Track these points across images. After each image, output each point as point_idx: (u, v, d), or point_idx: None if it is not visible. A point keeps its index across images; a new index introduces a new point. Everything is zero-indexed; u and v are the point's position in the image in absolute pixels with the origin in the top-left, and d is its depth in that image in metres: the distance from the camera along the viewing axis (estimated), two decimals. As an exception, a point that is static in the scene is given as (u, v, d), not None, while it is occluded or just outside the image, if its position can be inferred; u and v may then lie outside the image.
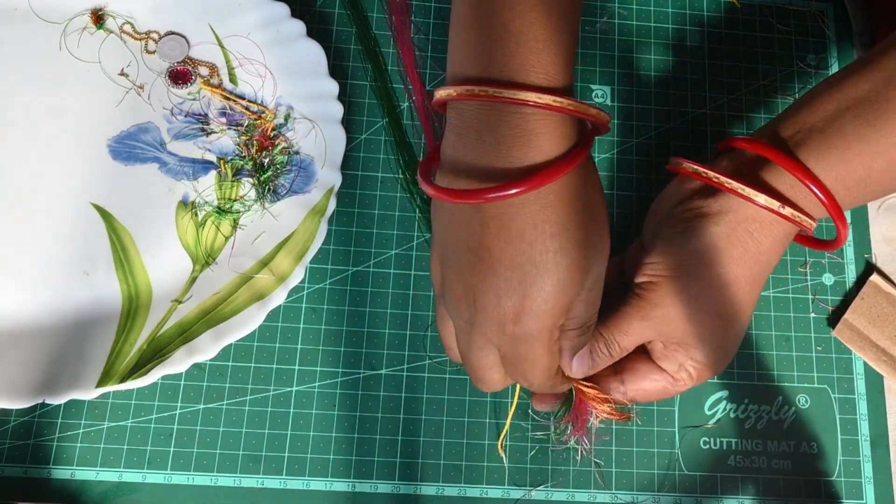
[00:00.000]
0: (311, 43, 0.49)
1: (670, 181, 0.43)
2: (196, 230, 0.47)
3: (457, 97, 0.35)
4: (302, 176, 0.48)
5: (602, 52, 0.54)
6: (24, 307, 0.45)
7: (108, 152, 0.48)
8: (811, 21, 0.56)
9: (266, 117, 0.49)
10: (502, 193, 0.34)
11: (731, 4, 0.56)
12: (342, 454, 0.46)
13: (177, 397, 0.46)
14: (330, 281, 0.48)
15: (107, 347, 0.44)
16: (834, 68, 0.55)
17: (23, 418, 0.45)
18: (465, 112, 0.36)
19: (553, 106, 0.34)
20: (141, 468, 0.45)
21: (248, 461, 0.45)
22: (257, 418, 0.46)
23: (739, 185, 0.38)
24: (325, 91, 0.49)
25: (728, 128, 0.53)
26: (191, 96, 0.49)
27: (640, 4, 0.55)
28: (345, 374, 0.47)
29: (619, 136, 0.52)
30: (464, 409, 0.47)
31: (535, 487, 0.46)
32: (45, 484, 0.44)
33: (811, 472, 0.47)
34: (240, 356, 0.47)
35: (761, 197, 0.38)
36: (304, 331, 0.47)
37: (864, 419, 0.48)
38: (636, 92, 0.53)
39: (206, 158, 0.48)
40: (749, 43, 0.55)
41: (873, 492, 0.47)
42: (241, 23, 0.50)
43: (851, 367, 0.49)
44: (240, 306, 0.45)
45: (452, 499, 0.46)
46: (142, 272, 0.46)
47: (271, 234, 0.47)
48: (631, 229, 0.50)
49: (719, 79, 0.54)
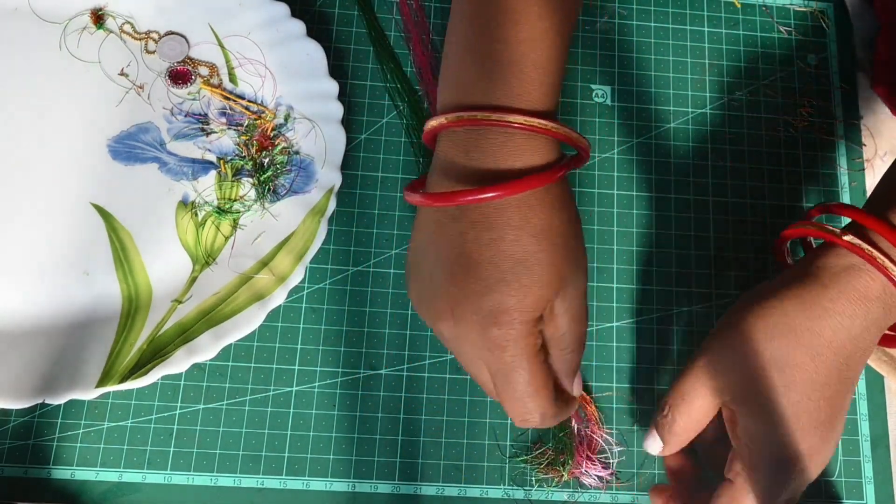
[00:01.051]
0: (311, 43, 0.49)
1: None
2: (196, 230, 0.47)
3: (448, 124, 0.37)
4: (302, 176, 0.48)
5: (602, 52, 0.54)
6: (23, 307, 0.45)
7: (108, 152, 0.48)
8: (811, 21, 0.56)
9: (266, 117, 0.49)
10: (485, 195, 0.36)
11: (731, 4, 0.56)
12: (342, 454, 0.46)
13: (177, 397, 0.46)
14: (330, 281, 0.48)
15: (107, 347, 0.44)
16: (834, 68, 0.55)
17: (23, 418, 0.45)
18: (455, 136, 0.37)
19: (537, 128, 0.36)
20: (141, 468, 0.45)
21: (248, 461, 0.45)
22: (257, 418, 0.46)
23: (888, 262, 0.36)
24: (325, 91, 0.49)
25: (729, 128, 0.53)
26: (191, 96, 0.49)
27: (640, 4, 0.55)
28: (345, 374, 0.47)
29: (619, 136, 0.52)
30: (464, 409, 0.47)
31: (535, 488, 0.46)
32: (45, 484, 0.44)
33: (811, 473, 0.47)
34: (240, 356, 0.47)
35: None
36: (304, 331, 0.47)
37: (864, 419, 0.48)
38: (636, 92, 0.53)
39: (206, 158, 0.48)
40: (749, 43, 0.55)
41: (873, 492, 0.47)
42: (241, 23, 0.50)
43: (852, 367, 0.49)
44: (240, 306, 0.45)
45: (452, 499, 0.46)
46: (142, 272, 0.46)
47: (271, 234, 0.47)
48: (631, 229, 0.50)
49: (719, 79, 0.54)
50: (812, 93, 0.54)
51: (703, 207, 0.51)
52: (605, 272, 0.50)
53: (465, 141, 0.37)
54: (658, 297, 0.49)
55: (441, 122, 0.38)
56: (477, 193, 0.36)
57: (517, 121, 0.36)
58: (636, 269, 0.50)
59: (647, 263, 0.50)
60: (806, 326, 0.37)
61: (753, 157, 0.53)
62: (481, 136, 0.37)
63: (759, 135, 0.53)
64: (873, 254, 0.35)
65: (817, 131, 0.54)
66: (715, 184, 0.52)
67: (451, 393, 0.47)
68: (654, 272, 0.50)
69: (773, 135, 0.53)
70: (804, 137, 0.53)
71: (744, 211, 0.51)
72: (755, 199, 0.52)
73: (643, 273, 0.50)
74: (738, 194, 0.52)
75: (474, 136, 0.37)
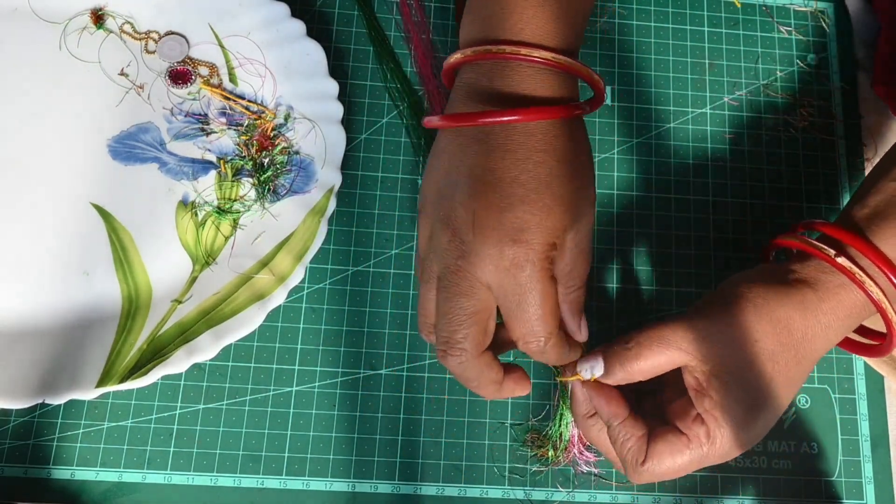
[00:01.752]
0: (311, 43, 0.49)
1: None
2: (196, 230, 0.47)
3: (473, 57, 0.39)
4: (302, 176, 0.48)
5: (602, 52, 0.54)
6: (23, 307, 0.45)
7: (108, 152, 0.48)
8: (811, 21, 0.56)
9: (266, 117, 0.49)
10: (510, 117, 0.37)
11: (731, 4, 0.56)
12: (342, 454, 0.46)
13: (177, 397, 0.46)
14: (330, 281, 0.48)
15: (107, 347, 0.44)
16: (834, 68, 0.55)
17: (23, 418, 0.45)
18: (479, 67, 0.39)
19: (560, 63, 0.38)
20: (141, 468, 0.45)
21: (248, 461, 0.45)
22: (257, 418, 0.46)
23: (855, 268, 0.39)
24: (325, 91, 0.49)
25: (728, 128, 0.53)
26: (191, 96, 0.49)
27: (640, 4, 0.55)
28: (345, 374, 0.47)
29: (619, 136, 0.52)
30: (464, 409, 0.47)
31: (535, 488, 0.46)
32: (45, 484, 0.44)
33: (811, 473, 0.47)
34: (240, 356, 0.47)
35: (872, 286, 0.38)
36: (304, 331, 0.47)
37: (864, 419, 0.48)
38: (636, 92, 0.53)
39: (206, 158, 0.48)
40: (749, 43, 0.55)
41: (874, 492, 0.47)
42: (241, 23, 0.50)
43: (852, 367, 0.49)
44: (240, 306, 0.45)
45: (452, 499, 0.46)
46: (142, 272, 0.46)
47: (271, 234, 0.47)
48: (631, 229, 0.50)
49: (719, 79, 0.54)
50: (812, 93, 0.54)
51: (703, 207, 0.51)
52: (605, 272, 0.50)
53: (489, 71, 0.39)
54: (658, 298, 0.49)
55: (466, 55, 0.39)
56: (503, 115, 0.37)
57: (542, 56, 0.38)
58: (636, 270, 0.50)
59: (647, 263, 0.50)
60: (801, 328, 0.39)
61: (753, 157, 0.53)
62: (507, 67, 0.38)
63: (759, 135, 0.53)
64: (862, 278, 0.38)
65: (817, 131, 0.54)
66: (715, 184, 0.52)
67: (451, 393, 0.47)
68: (654, 272, 0.50)
69: (773, 135, 0.53)
70: (804, 137, 0.53)
71: (744, 211, 0.51)
72: (755, 199, 0.52)
73: (643, 273, 0.50)
74: (738, 194, 0.52)
75: (499, 66, 0.39)
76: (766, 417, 0.39)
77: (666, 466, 0.39)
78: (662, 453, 0.39)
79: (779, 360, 0.38)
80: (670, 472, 0.39)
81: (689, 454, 0.38)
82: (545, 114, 0.37)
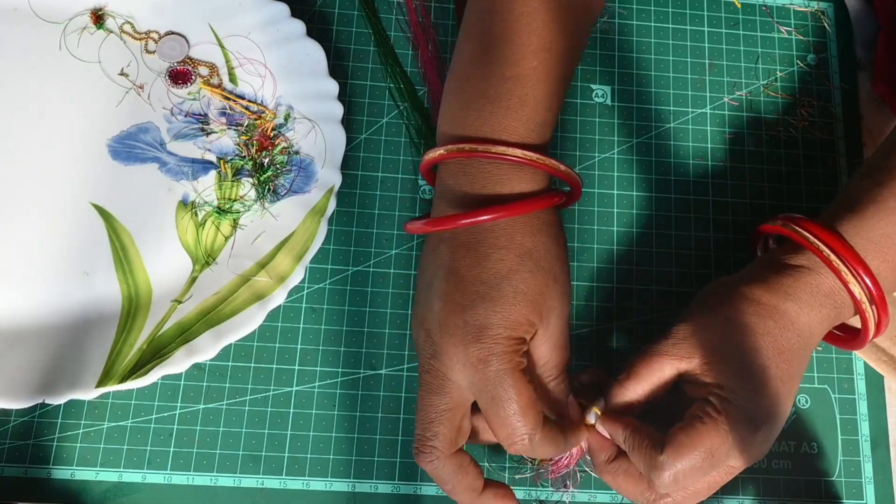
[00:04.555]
0: (311, 43, 0.49)
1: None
2: (196, 230, 0.47)
3: (446, 155, 0.40)
4: (302, 176, 0.48)
5: (602, 52, 0.54)
6: (23, 307, 0.45)
7: (108, 152, 0.48)
8: (811, 21, 0.56)
9: (266, 117, 0.49)
10: (474, 219, 0.38)
11: (731, 4, 0.56)
12: (342, 454, 0.46)
13: (177, 397, 0.46)
14: (330, 281, 0.48)
15: (107, 347, 0.44)
16: (834, 68, 0.55)
17: (23, 418, 0.45)
18: (449, 167, 0.41)
19: (523, 160, 0.39)
20: (141, 468, 0.45)
21: (248, 461, 0.45)
22: (257, 418, 0.46)
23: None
24: (325, 91, 0.49)
25: (728, 128, 0.53)
26: (191, 96, 0.49)
27: (639, 4, 0.55)
28: (345, 374, 0.47)
29: (619, 136, 0.52)
30: (464, 409, 0.47)
31: (535, 487, 0.46)
32: (45, 484, 0.44)
33: (811, 473, 0.47)
34: (240, 356, 0.47)
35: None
36: (304, 331, 0.47)
37: (864, 419, 0.48)
38: (636, 92, 0.53)
39: (206, 158, 0.48)
40: (749, 43, 0.55)
41: (873, 492, 0.47)
42: (241, 23, 0.50)
43: (851, 367, 0.49)
44: (240, 306, 0.45)
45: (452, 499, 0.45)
46: (142, 272, 0.46)
47: (271, 234, 0.47)
48: (631, 229, 0.50)
49: (719, 79, 0.54)
50: (812, 93, 0.54)
51: (703, 207, 0.51)
52: (604, 272, 0.50)
53: (462, 169, 0.40)
54: (658, 298, 0.49)
55: (440, 154, 0.41)
56: (467, 217, 0.39)
57: (507, 153, 0.39)
58: (636, 270, 0.50)
59: (646, 264, 0.50)
60: (772, 304, 0.40)
61: (753, 157, 0.53)
62: (472, 166, 0.40)
63: (758, 135, 0.53)
64: (830, 257, 0.40)
65: (817, 131, 0.54)
66: (715, 184, 0.52)
67: (451, 393, 0.47)
68: (654, 272, 0.50)
69: (773, 135, 0.53)
70: (804, 137, 0.53)
71: (744, 211, 0.51)
72: (755, 200, 0.52)
73: (643, 273, 0.50)
74: (738, 194, 0.52)
75: (465, 165, 0.40)
76: (769, 395, 0.39)
77: (685, 454, 0.38)
78: (678, 438, 0.38)
79: (765, 341, 0.40)
80: (690, 460, 0.38)
81: (705, 433, 0.38)
82: (510, 210, 0.38)
